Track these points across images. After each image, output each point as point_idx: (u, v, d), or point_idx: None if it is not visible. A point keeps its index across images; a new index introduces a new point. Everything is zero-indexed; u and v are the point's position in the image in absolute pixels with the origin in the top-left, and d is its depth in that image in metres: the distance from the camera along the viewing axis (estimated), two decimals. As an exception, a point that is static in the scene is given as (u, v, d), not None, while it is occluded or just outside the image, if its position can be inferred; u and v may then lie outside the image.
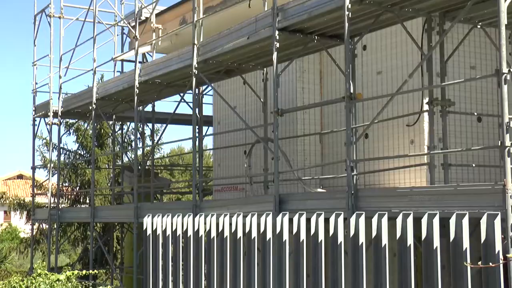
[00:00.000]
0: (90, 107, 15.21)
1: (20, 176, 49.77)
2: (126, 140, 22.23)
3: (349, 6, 8.17)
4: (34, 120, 18.19)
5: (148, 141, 18.79)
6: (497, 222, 6.30)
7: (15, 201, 25.36)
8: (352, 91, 8.33)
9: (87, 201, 22.84)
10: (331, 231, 7.97)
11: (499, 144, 6.46)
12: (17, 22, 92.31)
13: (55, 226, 17.03)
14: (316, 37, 9.69)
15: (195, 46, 11.26)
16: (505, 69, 6.42)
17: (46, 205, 18.52)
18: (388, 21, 9.02)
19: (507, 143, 6.37)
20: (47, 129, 17.36)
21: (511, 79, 6.50)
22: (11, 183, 46.57)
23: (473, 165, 9.73)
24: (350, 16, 8.22)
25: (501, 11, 6.47)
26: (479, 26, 8.97)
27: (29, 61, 26.24)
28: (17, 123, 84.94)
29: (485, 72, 10.08)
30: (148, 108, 16.78)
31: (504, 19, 6.47)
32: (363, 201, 8.08)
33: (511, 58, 9.94)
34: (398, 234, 7.19)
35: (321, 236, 8.19)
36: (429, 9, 8.61)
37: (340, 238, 7.89)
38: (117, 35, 17.99)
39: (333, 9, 8.51)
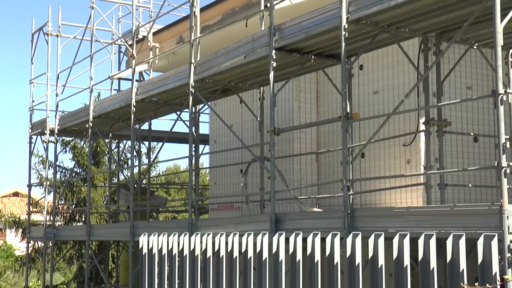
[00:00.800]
0: (87, 125, 15.20)
1: (16, 194, 49.62)
2: (122, 158, 22.22)
3: (346, 26, 8.20)
4: (30, 138, 18.18)
5: (145, 159, 18.74)
6: (494, 243, 6.28)
7: (10, 219, 25.26)
8: (348, 110, 8.34)
9: (83, 219, 22.76)
10: (328, 251, 7.94)
11: (496, 165, 6.47)
12: (15, 40, 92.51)
13: (51, 244, 16.95)
14: (312, 56, 9.72)
15: (192, 65, 11.28)
16: (501, 90, 6.43)
17: (42, 223, 18.45)
18: (384, 41, 9.05)
19: (504, 163, 6.37)
20: (44, 146, 17.34)
21: (508, 99, 6.51)
22: (6, 201, 46.42)
23: (470, 185, 9.73)
24: (346, 36, 8.25)
25: (497, 32, 6.49)
26: (475, 47, 9.01)
27: (26, 79, 26.23)
28: (14, 140, 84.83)
29: (482, 92, 10.11)
30: (145, 126, 16.78)
31: (500, 40, 6.49)
32: (360, 220, 8.06)
33: (507, 78, 9.98)
34: (395, 254, 7.16)
35: (318, 256, 8.16)
36: (426, 30, 8.65)
37: (337, 258, 7.86)
38: (114, 53, 18.01)
39: (330, 29, 8.54)
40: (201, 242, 10.20)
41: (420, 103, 9.52)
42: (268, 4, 9.65)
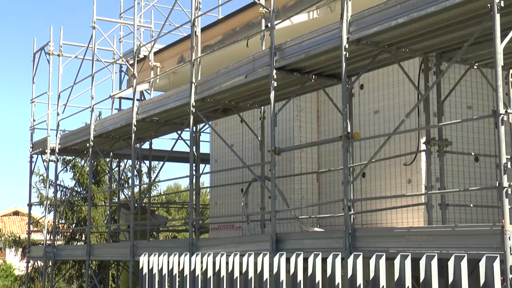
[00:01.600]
0: (88, 144, 15.21)
1: (16, 213, 49.54)
2: (123, 177, 22.20)
3: (346, 46, 8.22)
4: (31, 157, 18.18)
5: (145, 179, 18.72)
6: (496, 264, 6.24)
7: (10, 238, 25.19)
8: (349, 130, 8.34)
9: (83, 238, 22.69)
10: (329, 272, 7.90)
11: (497, 185, 6.45)
12: (16, 59, 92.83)
13: (50, 264, 16.88)
14: (313, 76, 9.73)
15: (193, 84, 11.30)
16: (502, 110, 6.44)
17: (42, 242, 18.39)
18: (385, 61, 9.07)
19: (505, 184, 6.36)
20: (44, 166, 17.34)
21: (508, 119, 6.51)
22: (7, 220, 46.34)
23: (471, 205, 9.70)
24: (347, 56, 8.27)
25: (497, 52, 6.51)
26: (475, 67, 9.03)
27: (27, 98, 26.31)
28: (14, 159, 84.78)
29: (482, 112, 10.12)
30: (146, 145, 16.78)
31: (500, 61, 6.50)
32: (361, 241, 8.03)
33: (508, 98, 9.99)
34: (396, 275, 7.12)
35: (319, 277, 8.11)
36: (426, 50, 8.67)
37: (338, 279, 7.81)
38: (116, 72, 18.08)
39: (331, 49, 8.56)
40: (201, 262, 10.15)
41: (421, 123, 9.52)
42: (269, 24, 9.69)
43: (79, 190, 23.31)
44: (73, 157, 21.15)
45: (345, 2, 8.29)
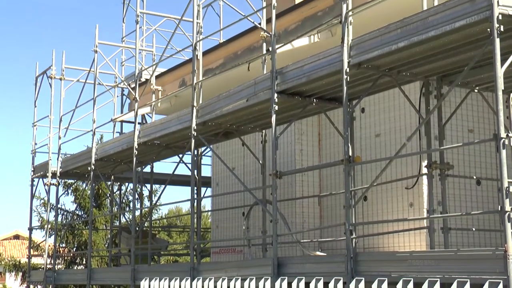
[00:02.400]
0: (89, 168, 15.19)
1: (16, 236, 49.42)
2: (124, 201, 22.15)
3: (347, 70, 8.24)
4: (32, 181, 18.17)
5: (146, 202, 18.69)
6: (499, 289, 6.21)
7: (10, 262, 25.09)
8: (350, 154, 8.33)
9: (84, 262, 22.59)
10: (330, 296, 7.85)
11: (499, 209, 6.43)
12: (18, 83, 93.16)
13: (51, 288, 16.79)
14: (314, 100, 9.75)
15: (194, 108, 11.32)
16: (503, 134, 6.43)
17: (42, 266, 18.32)
18: (386, 84, 9.09)
19: (507, 208, 6.33)
20: (45, 189, 17.33)
21: (510, 143, 6.50)
22: (7, 244, 46.20)
23: (473, 229, 9.66)
24: (348, 79, 8.28)
25: (497, 76, 6.52)
26: (476, 90, 9.04)
27: (29, 122, 26.29)
28: (15, 183, 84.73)
29: (483, 135, 10.11)
30: (147, 169, 16.77)
31: (500, 85, 6.51)
32: (363, 265, 7.99)
33: (509, 122, 9.99)
34: (398, 300, 7.08)
35: (320, 301, 8.06)
36: (427, 74, 8.69)
37: (340, 303, 7.77)
38: (117, 96, 18.14)
39: (332, 73, 8.58)
40: (203, 287, 10.10)
41: (422, 146, 9.52)
42: (270, 48, 9.73)
43: (80, 213, 23.26)
44: (75, 180, 21.11)
45: (346, 26, 8.32)
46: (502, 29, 6.54)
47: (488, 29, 6.65)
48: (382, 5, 8.48)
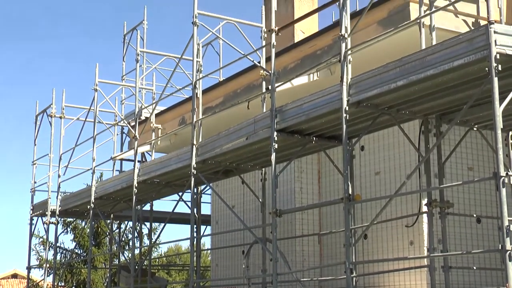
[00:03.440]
0: (88, 206, 15.15)
1: (14, 275, 48.98)
2: (123, 239, 22.05)
3: (347, 109, 8.26)
4: (31, 219, 18.11)
5: (146, 240, 18.60)
6: (501, 328, 6.15)
7: (8, 302, 24.86)
8: (350, 192, 8.32)
9: (82, 301, 22.40)
10: (331, 336, 7.78)
11: (500, 248, 6.40)
12: (18, 122, 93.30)
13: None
14: (314, 138, 9.76)
15: (194, 146, 11.33)
16: (502, 172, 6.43)
17: (40, 306, 18.16)
18: (385, 122, 9.11)
19: (508, 246, 6.31)
20: (44, 228, 17.25)
21: (509, 181, 6.50)
22: (5, 283, 45.79)
23: (474, 267, 9.60)
24: (347, 118, 8.30)
25: (496, 115, 6.54)
26: (475, 129, 9.07)
27: (29, 160, 26.25)
28: (14, 221, 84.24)
29: (483, 173, 10.11)
30: (147, 207, 16.72)
31: (499, 123, 6.53)
32: (363, 304, 7.93)
33: (508, 160, 10.00)
34: None
35: None
36: (426, 112, 8.72)
37: None
38: (117, 134, 18.15)
39: (331, 111, 8.61)
40: (202, 327, 10.00)
41: (422, 184, 9.51)
42: (270, 87, 9.77)
43: (79, 252, 23.14)
44: (74, 219, 21.04)
45: (344, 65, 8.38)
46: (500, 68, 6.58)
47: (486, 68, 6.70)
48: (380, 44, 8.55)
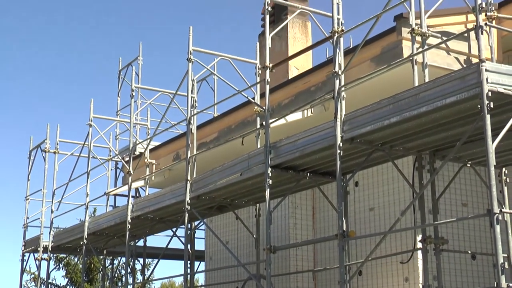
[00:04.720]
0: (81, 242, 15.06)
1: (5, 312, 48.37)
2: (116, 275, 21.87)
3: (341, 145, 8.29)
4: (23, 255, 17.95)
5: (139, 276, 18.46)
6: None
7: None
8: (344, 228, 8.30)
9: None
10: None
11: (495, 285, 6.38)
12: (11, 157, 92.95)
13: None
14: (308, 174, 9.76)
15: (188, 182, 11.31)
16: (496, 209, 6.43)
17: None
18: (379, 159, 9.13)
19: (503, 284, 6.29)
20: (36, 264, 17.10)
21: (503, 218, 6.50)
22: (-4, 320, 45.19)
23: (470, 304, 9.56)
24: (341, 154, 8.32)
25: (489, 152, 6.56)
26: (469, 165, 9.09)
27: (22, 195, 26.15)
28: (5, 258, 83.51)
29: (477, 209, 10.12)
30: (140, 242, 16.62)
31: (492, 160, 6.55)
32: None
33: (502, 196, 10.00)
34: None
35: None
36: (419, 148, 8.74)
37: None
38: (111, 169, 18.11)
39: (325, 147, 8.63)
40: None
41: (416, 221, 9.50)
42: (264, 123, 9.81)
43: (71, 288, 22.92)
44: (66, 255, 20.87)
45: (338, 101, 8.43)
46: (492, 105, 6.62)
47: (479, 106, 6.74)
48: (373, 80, 8.61)
